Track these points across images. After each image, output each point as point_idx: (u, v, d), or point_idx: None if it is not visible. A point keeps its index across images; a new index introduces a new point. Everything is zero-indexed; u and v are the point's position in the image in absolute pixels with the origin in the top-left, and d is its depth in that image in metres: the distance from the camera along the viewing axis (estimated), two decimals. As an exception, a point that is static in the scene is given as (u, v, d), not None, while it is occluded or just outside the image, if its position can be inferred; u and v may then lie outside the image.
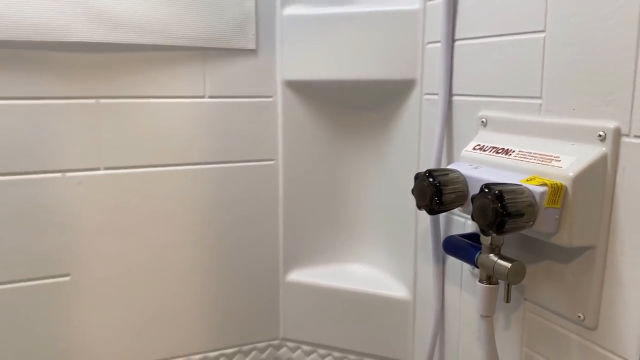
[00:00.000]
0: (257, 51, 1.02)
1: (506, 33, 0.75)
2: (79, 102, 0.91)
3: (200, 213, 1.04)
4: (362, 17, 0.97)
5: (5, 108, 0.87)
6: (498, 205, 0.60)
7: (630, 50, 0.58)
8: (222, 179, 1.04)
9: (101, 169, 0.95)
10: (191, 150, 1.01)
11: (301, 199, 1.10)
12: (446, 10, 0.84)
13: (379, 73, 0.97)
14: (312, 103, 1.06)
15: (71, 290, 0.96)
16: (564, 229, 0.63)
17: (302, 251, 1.12)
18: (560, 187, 0.61)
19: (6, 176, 0.89)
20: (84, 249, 0.96)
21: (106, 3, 0.89)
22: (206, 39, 0.97)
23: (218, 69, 1.00)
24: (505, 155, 0.71)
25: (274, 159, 1.08)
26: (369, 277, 1.09)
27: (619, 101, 0.60)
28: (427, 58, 0.92)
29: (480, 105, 0.81)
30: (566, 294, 0.68)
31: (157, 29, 0.93)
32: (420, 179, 0.74)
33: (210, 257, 1.06)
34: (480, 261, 0.72)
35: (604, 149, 0.62)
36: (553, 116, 0.69)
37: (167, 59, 0.96)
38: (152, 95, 0.96)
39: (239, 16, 0.99)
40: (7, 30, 0.84)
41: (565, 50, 0.66)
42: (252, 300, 1.11)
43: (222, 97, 1.01)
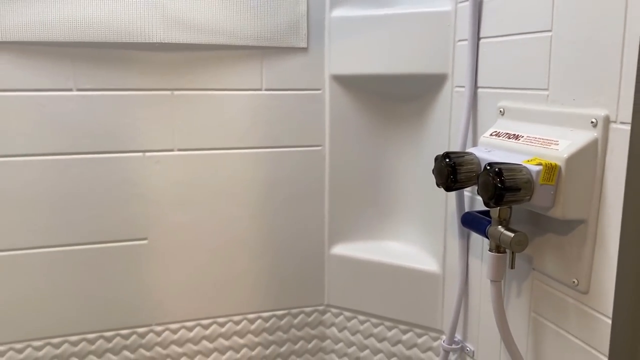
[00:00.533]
0: (307, 49, 1.16)
1: (521, 32, 0.84)
2: (157, 93, 1.09)
3: (257, 191, 1.19)
4: (400, 18, 1.08)
5: (97, 98, 1.06)
6: (497, 180, 0.71)
7: (617, 47, 0.67)
8: (275, 162, 1.19)
9: (175, 150, 1.12)
10: (250, 136, 1.16)
11: (344, 181, 1.23)
12: (472, 12, 0.94)
13: (415, 68, 1.08)
14: (356, 95, 1.19)
15: (148, 252, 1.14)
16: (558, 204, 0.72)
17: (344, 227, 1.25)
18: (554, 166, 0.71)
19: (97, 154, 1.08)
20: (159, 217, 1.14)
21: (179, 9, 1.06)
22: (263, 38, 1.12)
23: (273, 65, 1.15)
24: (515, 140, 0.81)
25: (321, 145, 1.21)
26: (404, 252, 1.21)
27: (609, 92, 0.69)
28: (457, 54, 1.02)
29: (500, 96, 0.90)
30: (564, 263, 0.77)
31: (221, 31, 1.09)
32: (439, 160, 0.85)
33: (266, 230, 1.21)
34: (490, 232, 0.82)
35: (595, 134, 0.70)
36: (557, 105, 0.78)
37: (230, 57, 1.12)
38: (217, 88, 1.12)
39: (292, 18, 1.13)
40: (99, 33, 1.03)
41: (568, 47, 0.75)
42: (301, 269, 1.25)
43: (276, 90, 1.16)
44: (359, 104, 1.20)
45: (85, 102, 1.05)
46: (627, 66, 0.66)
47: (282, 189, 1.20)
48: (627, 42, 0.66)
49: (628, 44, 0.65)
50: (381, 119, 1.21)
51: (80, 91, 1.05)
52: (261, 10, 1.11)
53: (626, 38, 0.66)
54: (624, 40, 0.66)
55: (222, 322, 1.21)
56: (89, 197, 1.09)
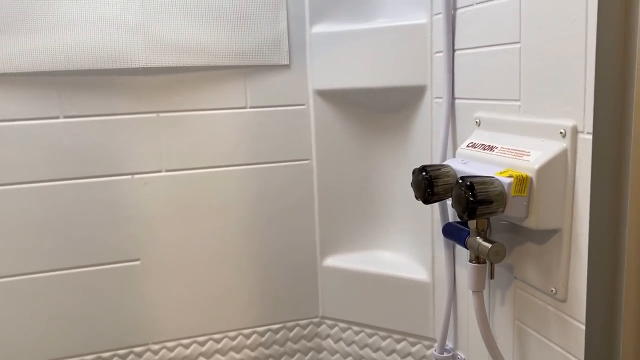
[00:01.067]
0: (290, 65, 1.17)
1: (492, 44, 0.85)
2: (143, 116, 1.11)
3: (247, 207, 1.20)
4: (378, 32, 1.09)
5: (84, 124, 1.08)
6: (469, 194, 0.72)
7: (580, 58, 0.68)
8: (264, 178, 1.20)
9: (162, 171, 1.14)
10: (237, 153, 1.18)
11: (333, 193, 1.24)
12: (445, 24, 0.95)
13: (395, 80, 1.09)
14: (340, 108, 1.20)
15: (141, 272, 1.16)
16: (532, 214, 0.73)
17: (335, 239, 1.26)
18: (525, 178, 0.72)
19: (86, 179, 1.10)
20: (151, 238, 1.15)
21: (160, 33, 1.08)
22: (246, 57, 1.14)
23: (257, 82, 1.16)
24: (490, 152, 0.82)
25: (309, 159, 1.23)
26: (394, 261, 1.22)
27: (575, 102, 0.70)
28: (435, 66, 1.04)
29: (476, 107, 0.91)
30: (543, 271, 0.78)
31: (203, 52, 1.11)
32: (416, 174, 0.86)
33: (258, 245, 1.23)
34: (469, 243, 0.83)
35: (565, 144, 0.71)
36: (529, 116, 0.79)
37: (213, 77, 1.14)
38: (202, 108, 1.14)
39: (273, 36, 1.15)
40: (82, 61, 1.05)
41: (536, 58, 0.76)
42: (295, 282, 1.26)
43: (261, 107, 1.18)
44: (344, 117, 1.21)
45: (73, 128, 1.08)
46: (589, 77, 0.67)
47: (272, 204, 1.22)
48: (589, 53, 0.66)
49: (589, 55, 0.66)
50: (366, 131, 1.22)
51: (67, 118, 1.07)
52: (242, 29, 1.13)
53: (588, 49, 0.67)
54: (586, 52, 0.67)
55: (217, 339, 1.23)
56: (80, 221, 1.11)
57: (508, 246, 0.84)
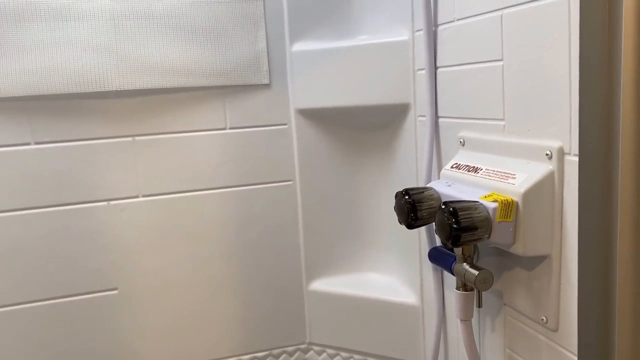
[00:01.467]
0: (270, 85, 1.14)
1: (474, 61, 0.82)
2: (118, 140, 1.07)
3: (229, 230, 1.16)
4: (360, 50, 1.06)
5: (56, 150, 1.04)
6: (452, 221, 0.68)
7: (564, 76, 0.65)
8: (246, 200, 1.17)
9: (139, 196, 1.10)
10: (217, 176, 1.14)
11: (318, 214, 1.20)
12: (427, 41, 0.92)
13: (378, 98, 1.06)
14: (323, 127, 1.17)
15: (119, 302, 1.11)
16: (518, 240, 0.69)
17: (322, 262, 1.22)
18: (510, 202, 0.68)
19: (61, 207, 1.06)
20: (128, 265, 1.11)
21: (133, 54, 1.05)
22: (224, 77, 1.11)
23: (237, 103, 1.13)
24: (474, 173, 0.79)
25: (292, 180, 1.19)
26: (383, 284, 1.18)
27: (561, 123, 0.66)
28: (418, 83, 1.00)
29: (460, 126, 0.88)
30: (533, 299, 0.74)
31: (180, 73, 1.08)
32: (399, 198, 0.83)
33: (240, 270, 1.18)
34: (455, 269, 0.79)
35: (551, 166, 0.68)
36: (513, 136, 0.75)
37: (191, 98, 1.10)
38: (180, 131, 1.10)
39: (252, 55, 1.12)
40: (53, 85, 1.01)
41: (519, 77, 0.73)
42: (280, 308, 1.22)
43: (241, 128, 1.14)
44: (327, 136, 1.18)
45: (45, 155, 1.04)
46: (574, 96, 0.63)
47: (255, 227, 1.18)
48: (573, 71, 0.63)
49: (574, 73, 0.63)
50: (350, 150, 1.19)
51: (39, 144, 1.03)
52: (220, 48, 1.09)
53: (572, 67, 0.64)
54: (570, 70, 0.64)
55: (200, 368, 1.18)
56: (54, 250, 1.07)
57: (496, 271, 0.81)
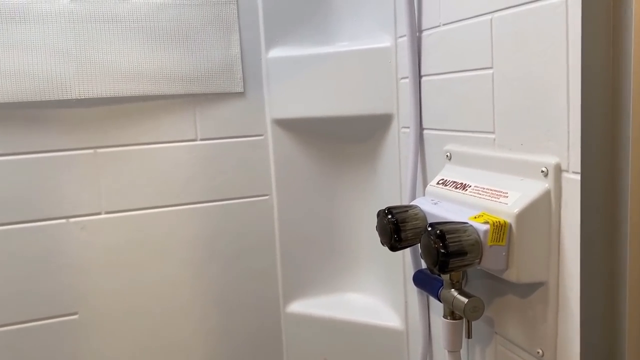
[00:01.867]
0: (245, 93, 1.07)
1: (461, 69, 0.76)
2: (78, 153, 0.99)
3: (200, 249, 1.08)
4: (340, 56, 1.00)
5: (12, 163, 0.96)
6: (440, 245, 0.62)
7: (562, 86, 0.59)
8: (219, 216, 1.09)
9: (102, 213, 1.02)
10: (187, 191, 1.06)
11: (297, 231, 1.13)
12: (410, 47, 0.85)
13: (358, 108, 0.99)
14: (301, 139, 1.10)
15: (79, 327, 1.03)
16: (512, 266, 0.63)
17: (300, 282, 1.15)
18: (503, 224, 0.62)
19: (15, 225, 0.97)
20: (90, 288, 1.02)
21: (96, 59, 0.97)
22: (195, 85, 1.03)
23: (208, 112, 1.05)
24: (462, 191, 0.72)
25: (268, 194, 1.12)
26: (365, 306, 1.11)
27: (558, 137, 0.60)
28: (401, 93, 0.94)
29: (446, 139, 0.82)
30: (527, 329, 0.68)
31: (146, 80, 1.00)
32: (381, 217, 0.76)
33: (212, 291, 1.10)
34: (442, 296, 0.72)
35: (547, 185, 0.62)
36: (504, 151, 0.69)
37: (158, 107, 1.03)
38: (146, 142, 1.03)
39: (225, 62, 1.04)
40: (8, 93, 0.93)
41: (511, 86, 0.67)
42: (256, 331, 1.14)
43: (214, 139, 1.06)
44: (305, 148, 1.10)
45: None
46: (574, 107, 0.57)
47: (228, 245, 1.10)
48: (572, 79, 0.57)
49: (572, 81, 0.57)
50: (330, 163, 1.12)
51: (-10, 157, 0.95)
52: (190, 54, 1.02)
53: (570, 74, 0.57)
54: (568, 77, 0.58)
55: (169, 398, 1.10)
56: (9, 272, 0.97)
57: (487, 296, 0.74)
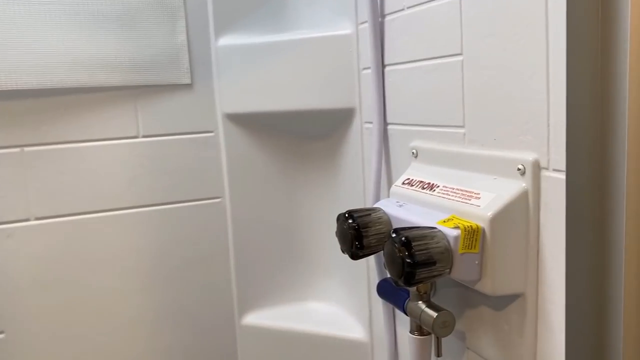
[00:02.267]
0: (192, 85, 0.98)
1: (428, 57, 0.69)
2: (3, 151, 0.88)
3: (146, 258, 0.98)
4: (297, 45, 0.92)
5: None
6: (405, 254, 0.54)
7: (541, 73, 0.52)
8: (165, 221, 0.99)
9: (31, 219, 0.91)
10: (129, 194, 0.96)
11: (252, 236, 1.04)
12: (372, 34, 0.78)
13: (318, 102, 0.91)
14: (256, 135, 1.01)
15: (6, 348, 0.91)
16: (486, 276, 0.56)
17: (257, 291, 1.06)
18: (476, 229, 0.55)
19: None
20: (18, 304, 0.91)
21: (23, 46, 0.86)
22: (136, 76, 0.93)
23: (151, 106, 0.96)
24: (430, 191, 0.65)
25: (221, 197, 1.02)
26: (327, 316, 1.03)
27: (536, 130, 0.53)
28: (363, 85, 0.86)
29: (412, 135, 0.74)
30: (503, 345, 0.61)
31: (81, 70, 0.90)
32: (341, 221, 0.68)
33: (159, 304, 1.00)
34: (409, 309, 0.65)
35: (524, 184, 0.55)
36: (476, 147, 0.62)
37: (95, 101, 0.92)
38: (81, 140, 0.92)
39: (170, 50, 0.95)
40: None
41: (482, 74, 0.60)
42: (209, 346, 1.05)
43: (158, 136, 0.97)
44: (261, 145, 1.02)
45: None
46: (555, 97, 0.51)
47: (176, 253, 1.00)
48: (553, 66, 0.50)
49: (554, 68, 0.50)
50: (288, 162, 1.03)
51: None
52: (130, 42, 0.92)
53: (551, 60, 0.51)
54: (548, 63, 0.51)
55: (111, 423, 0.99)
56: None
57: (458, 307, 0.67)
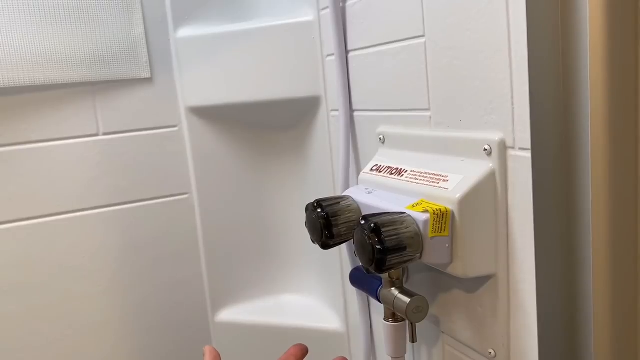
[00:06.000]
0: (152, 79, 0.94)
1: (391, 40, 0.68)
2: (-49, 156, 0.84)
3: (112, 259, 0.95)
4: (258, 33, 0.89)
5: None
6: (375, 241, 0.53)
7: (504, 52, 0.51)
8: (131, 220, 0.96)
9: (-13, 225, 0.87)
10: (91, 194, 0.93)
11: (223, 231, 1.02)
12: (334, 19, 0.76)
13: (283, 92, 0.90)
14: (222, 128, 0.99)
15: (-32, 360, 0.88)
16: (457, 259, 0.55)
17: (230, 287, 1.04)
18: (445, 212, 0.54)
19: None
20: (-22, 313, 0.87)
21: (-30, 46, 0.82)
22: (93, 71, 0.90)
23: (111, 102, 0.92)
24: (398, 177, 0.64)
25: (188, 192, 1.00)
26: (301, 308, 1.02)
27: (500, 110, 0.53)
28: (328, 72, 0.85)
29: (379, 121, 0.73)
30: (476, 328, 0.61)
31: (34, 66, 0.86)
32: (309, 211, 0.66)
33: (127, 307, 0.98)
34: (382, 296, 0.64)
35: (491, 164, 0.54)
36: (442, 129, 0.61)
37: (51, 99, 0.88)
38: (37, 140, 0.88)
39: (127, 43, 0.91)
40: None
41: (445, 55, 0.59)
42: (182, 346, 1.02)
43: (119, 133, 0.93)
44: (227, 138, 0.99)
45: None
46: (518, 74, 0.50)
47: (143, 253, 0.98)
48: (514, 42, 0.50)
49: (515, 45, 0.50)
50: (256, 154, 1.01)
51: None
52: (85, 35, 0.88)
53: (512, 36, 0.50)
54: (509, 40, 0.50)
55: None
56: None
57: (431, 292, 0.67)
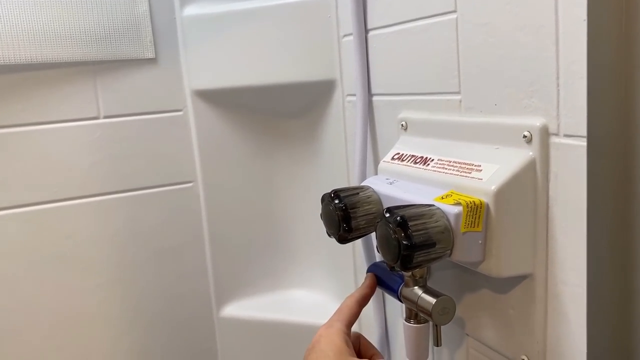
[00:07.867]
0: (157, 60, 0.89)
1: (417, 17, 0.62)
2: (-57, 137, 0.79)
3: (113, 250, 0.91)
4: (269, 12, 0.84)
5: None
6: (401, 235, 0.48)
7: (550, 27, 0.46)
8: (132, 209, 0.91)
9: (-19, 211, 0.82)
10: (91, 180, 0.88)
11: (229, 222, 0.97)
12: (354, -4, 0.71)
13: (295, 75, 0.84)
14: (229, 113, 0.93)
15: (-41, 353, 0.83)
16: (490, 257, 0.50)
17: (236, 281, 0.99)
18: (479, 205, 0.49)
19: None
20: (-29, 304, 0.83)
21: (-37, 20, 0.77)
22: (94, 50, 0.85)
23: (112, 84, 0.87)
24: (423, 166, 0.59)
25: (193, 181, 0.95)
26: (310, 305, 0.97)
27: (543, 92, 0.47)
28: (344, 53, 0.79)
29: (400, 105, 0.68)
30: (508, 332, 0.55)
31: (31, 44, 0.80)
32: (326, 202, 0.61)
33: (129, 300, 0.93)
34: (404, 295, 0.59)
35: (531, 153, 0.49)
36: (474, 114, 0.56)
37: (49, 78, 0.83)
38: (34, 122, 0.83)
39: (131, 21, 0.86)
40: None
41: (479, 32, 0.53)
42: (186, 341, 0.98)
43: (121, 116, 0.89)
44: (235, 124, 0.94)
45: None
46: (565, 52, 0.44)
47: (145, 244, 0.93)
48: (561, 16, 0.44)
49: (563, 18, 0.44)
50: (265, 141, 0.96)
51: None
52: (86, 11, 0.83)
53: (559, 10, 0.44)
54: (556, 14, 0.45)
55: None
56: None
57: (456, 290, 0.62)
